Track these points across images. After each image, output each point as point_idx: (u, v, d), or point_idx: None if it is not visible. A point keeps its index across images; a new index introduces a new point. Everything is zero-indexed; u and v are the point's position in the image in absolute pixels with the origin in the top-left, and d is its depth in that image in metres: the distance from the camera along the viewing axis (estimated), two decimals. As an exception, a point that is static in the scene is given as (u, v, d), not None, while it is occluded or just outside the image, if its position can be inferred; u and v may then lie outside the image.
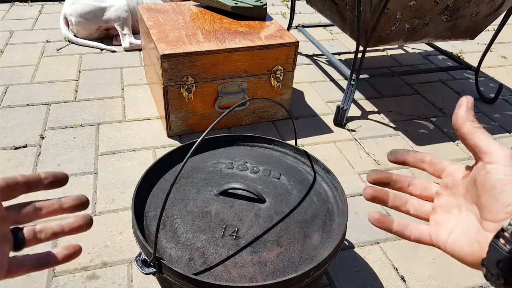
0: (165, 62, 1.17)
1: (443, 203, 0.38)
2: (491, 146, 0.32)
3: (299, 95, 1.61)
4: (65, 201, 0.37)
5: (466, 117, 0.34)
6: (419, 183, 0.41)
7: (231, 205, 0.74)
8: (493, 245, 0.30)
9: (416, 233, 0.38)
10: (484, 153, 0.33)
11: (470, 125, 0.34)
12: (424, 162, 0.40)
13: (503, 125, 1.52)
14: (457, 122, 0.35)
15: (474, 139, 0.34)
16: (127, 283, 0.89)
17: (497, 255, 0.30)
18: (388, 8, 1.25)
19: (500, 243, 0.30)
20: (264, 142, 0.92)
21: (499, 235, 0.30)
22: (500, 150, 0.32)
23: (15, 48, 1.82)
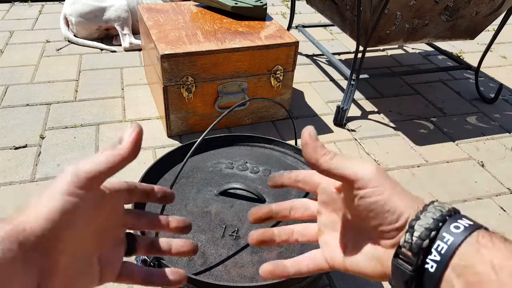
0: (165, 62, 1.17)
1: (326, 222, 0.37)
2: (355, 172, 0.31)
3: (299, 95, 1.61)
4: (172, 220, 0.38)
5: (316, 153, 0.32)
6: (298, 205, 0.40)
7: (231, 205, 0.74)
8: (395, 265, 0.30)
9: (312, 265, 0.37)
10: (352, 181, 0.31)
11: (324, 161, 0.32)
12: (299, 181, 0.38)
13: (503, 125, 1.52)
14: (312, 163, 0.33)
15: (336, 172, 0.32)
16: (127, 283, 0.89)
17: (402, 275, 0.29)
18: (388, 8, 1.25)
19: (401, 261, 0.29)
20: (264, 142, 0.92)
21: (398, 253, 0.30)
22: (364, 172, 0.31)
23: (15, 48, 1.82)
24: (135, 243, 0.36)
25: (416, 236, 0.29)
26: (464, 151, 1.37)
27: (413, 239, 0.29)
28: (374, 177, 0.31)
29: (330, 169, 0.32)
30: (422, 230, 0.28)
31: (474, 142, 1.42)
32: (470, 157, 1.34)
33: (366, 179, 0.31)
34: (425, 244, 0.28)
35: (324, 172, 0.33)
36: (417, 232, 0.29)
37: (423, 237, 0.28)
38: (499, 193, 1.21)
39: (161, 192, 0.37)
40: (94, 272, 0.32)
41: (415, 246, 0.28)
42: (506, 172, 1.29)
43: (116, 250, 0.35)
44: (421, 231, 0.28)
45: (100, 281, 0.33)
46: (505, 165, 1.32)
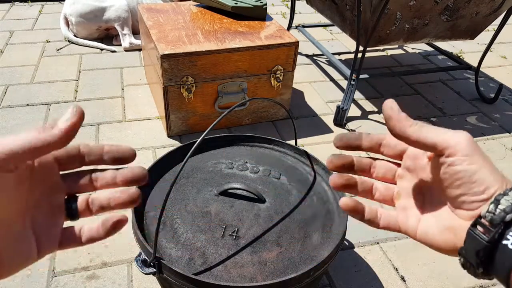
0: (165, 62, 1.17)
1: (407, 188, 0.36)
2: (446, 139, 0.31)
3: (299, 95, 1.61)
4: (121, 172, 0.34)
5: (403, 124, 0.32)
6: (381, 165, 0.38)
7: (231, 205, 0.74)
8: (471, 233, 0.29)
9: (384, 220, 0.37)
10: (443, 149, 0.31)
11: (413, 130, 0.32)
12: (382, 145, 0.37)
13: (503, 125, 1.52)
14: (400, 135, 0.32)
15: (425, 140, 0.31)
16: (127, 283, 0.89)
17: (475, 244, 0.29)
18: (388, 8, 1.25)
19: (478, 231, 0.29)
20: (264, 142, 0.92)
21: (477, 223, 0.29)
22: (455, 138, 0.30)
23: (15, 48, 1.82)
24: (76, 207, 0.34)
25: (500, 208, 0.28)
26: (464, 151, 1.37)
27: (497, 211, 0.28)
28: (466, 146, 0.30)
29: (420, 139, 0.31)
30: (508, 204, 0.28)
31: (474, 142, 1.42)
32: (470, 157, 1.34)
33: (458, 147, 0.30)
34: (509, 218, 0.27)
35: (414, 143, 0.32)
36: (502, 205, 0.28)
37: (508, 211, 0.27)
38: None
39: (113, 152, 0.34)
40: (29, 245, 0.31)
41: (498, 217, 0.28)
42: (506, 172, 1.28)
43: (53, 219, 0.33)
44: (507, 205, 0.28)
45: (40, 253, 0.32)
46: (505, 165, 1.32)
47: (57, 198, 0.33)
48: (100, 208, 0.35)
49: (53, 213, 0.33)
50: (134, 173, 0.34)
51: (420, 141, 0.31)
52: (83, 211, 0.34)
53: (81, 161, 0.33)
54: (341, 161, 0.37)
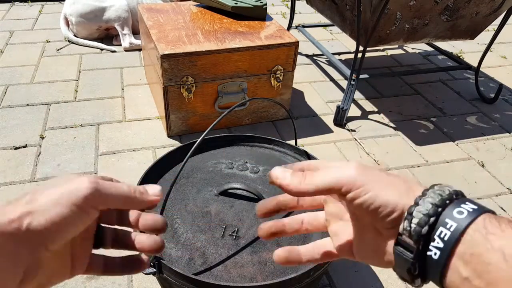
0: (165, 62, 1.17)
1: (333, 211, 0.37)
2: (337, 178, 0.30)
3: (299, 95, 1.61)
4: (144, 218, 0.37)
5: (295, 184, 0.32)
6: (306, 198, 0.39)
7: (231, 205, 0.74)
8: (397, 253, 0.29)
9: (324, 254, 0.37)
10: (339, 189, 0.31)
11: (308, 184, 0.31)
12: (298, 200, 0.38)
13: (503, 125, 1.52)
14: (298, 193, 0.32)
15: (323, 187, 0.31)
16: (127, 283, 0.89)
17: (404, 263, 0.29)
18: (388, 8, 1.25)
19: (402, 249, 0.29)
20: (264, 142, 0.92)
21: (399, 241, 0.29)
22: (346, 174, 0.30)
23: (15, 48, 1.82)
24: (104, 236, 0.37)
25: (414, 223, 0.28)
26: (464, 151, 1.37)
27: (412, 226, 0.28)
28: (357, 177, 0.30)
29: (318, 189, 0.31)
30: (420, 217, 0.28)
31: (474, 142, 1.42)
32: (470, 157, 1.34)
33: (349, 182, 0.30)
34: (424, 231, 0.27)
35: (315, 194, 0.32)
36: (415, 219, 0.28)
37: (422, 223, 0.27)
38: (499, 193, 1.21)
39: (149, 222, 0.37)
40: (67, 266, 0.33)
41: (414, 233, 0.28)
42: (506, 172, 1.29)
43: (86, 244, 0.35)
44: (419, 217, 0.28)
45: (71, 274, 0.34)
46: (505, 165, 1.32)
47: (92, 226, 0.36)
48: (124, 245, 0.38)
49: (87, 239, 0.35)
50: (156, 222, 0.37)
51: (319, 191, 0.31)
52: (108, 243, 0.37)
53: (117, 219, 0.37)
54: (267, 207, 0.38)
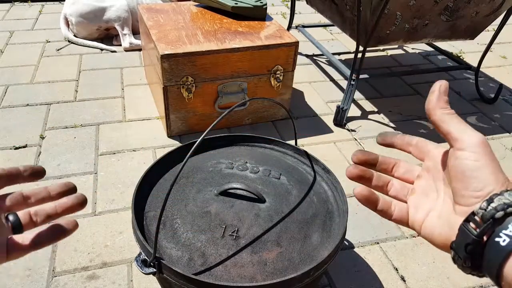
0: (165, 62, 1.17)
1: (423, 186, 0.38)
2: (461, 132, 0.32)
3: (299, 95, 1.61)
4: (52, 188, 0.38)
5: (437, 103, 0.34)
6: (403, 166, 0.41)
7: (231, 205, 0.74)
8: (462, 228, 0.30)
9: (397, 212, 0.38)
10: (455, 140, 0.33)
11: (441, 112, 0.34)
12: (411, 145, 0.40)
13: (503, 125, 1.52)
14: (429, 109, 0.34)
15: (445, 126, 0.33)
16: (127, 283, 0.89)
17: (465, 238, 0.30)
18: (388, 8, 1.25)
19: (470, 226, 0.30)
20: (264, 142, 0.92)
21: (469, 219, 0.30)
22: (470, 136, 0.32)
23: (15, 48, 1.82)
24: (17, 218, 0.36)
25: (492, 206, 0.29)
26: (464, 151, 1.37)
27: (488, 208, 0.29)
28: (476, 144, 0.32)
29: (441, 121, 0.34)
30: (500, 203, 0.29)
31: (474, 142, 1.42)
32: (470, 157, 1.34)
33: (468, 142, 0.32)
34: (499, 215, 0.28)
35: (435, 123, 0.34)
36: (494, 204, 0.29)
37: (499, 208, 0.28)
38: (499, 193, 1.21)
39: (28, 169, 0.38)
40: None
41: (488, 214, 0.29)
42: (506, 172, 1.28)
43: None
44: (498, 203, 0.29)
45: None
46: (505, 165, 1.32)
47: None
48: (47, 217, 0.37)
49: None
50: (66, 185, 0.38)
51: (440, 124, 0.34)
52: (27, 223, 0.37)
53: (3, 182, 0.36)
54: (365, 156, 0.40)
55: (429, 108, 0.34)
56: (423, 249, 1.01)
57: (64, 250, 0.95)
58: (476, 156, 0.31)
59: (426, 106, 0.35)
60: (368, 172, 0.40)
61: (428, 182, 0.38)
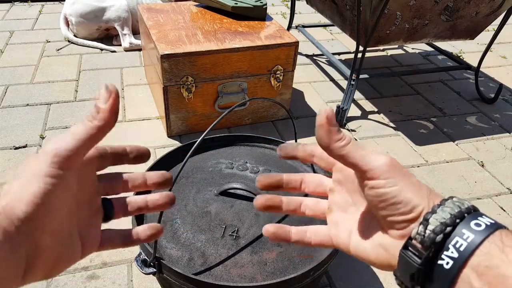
0: (165, 62, 1.17)
1: (338, 201, 0.36)
2: (367, 162, 0.30)
3: (299, 95, 1.61)
4: (149, 176, 0.36)
5: (330, 138, 0.31)
6: (311, 180, 0.38)
7: (231, 205, 0.74)
8: (403, 256, 0.29)
9: (315, 238, 0.36)
10: (364, 171, 0.30)
11: (337, 147, 0.31)
12: (314, 156, 0.37)
13: (503, 125, 1.52)
14: (324, 146, 0.31)
15: (347, 160, 0.31)
16: (127, 283, 0.89)
17: (408, 267, 0.28)
18: (388, 8, 1.25)
19: (410, 253, 0.28)
20: (264, 142, 0.92)
21: (408, 245, 0.29)
22: (377, 162, 0.30)
23: (15, 48, 1.82)
24: (112, 207, 0.36)
25: (430, 229, 0.27)
26: (464, 151, 1.37)
27: (426, 232, 0.27)
28: (387, 168, 0.30)
29: (342, 156, 0.31)
30: (437, 224, 0.27)
31: (474, 142, 1.42)
32: (470, 157, 1.34)
33: (379, 170, 0.30)
34: (439, 238, 0.27)
35: (336, 158, 0.31)
36: (431, 226, 0.27)
37: (438, 231, 0.27)
38: (499, 193, 1.21)
39: (134, 151, 0.36)
40: (75, 246, 0.32)
41: (428, 239, 0.27)
42: (506, 172, 1.29)
43: (93, 219, 0.34)
44: (436, 225, 0.27)
45: (83, 253, 0.33)
46: (505, 165, 1.32)
47: (96, 199, 0.35)
48: (138, 209, 0.37)
49: (93, 214, 0.34)
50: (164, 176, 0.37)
51: (342, 159, 0.31)
52: (118, 212, 0.36)
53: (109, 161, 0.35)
54: (268, 180, 0.38)
55: (325, 146, 0.31)
56: (423, 249, 1.01)
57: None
58: (391, 181, 0.29)
59: (319, 143, 0.32)
60: (276, 199, 0.37)
61: (343, 196, 0.36)
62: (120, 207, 0.36)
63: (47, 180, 0.28)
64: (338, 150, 0.31)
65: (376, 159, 0.30)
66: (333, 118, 0.32)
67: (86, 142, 0.30)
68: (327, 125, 0.31)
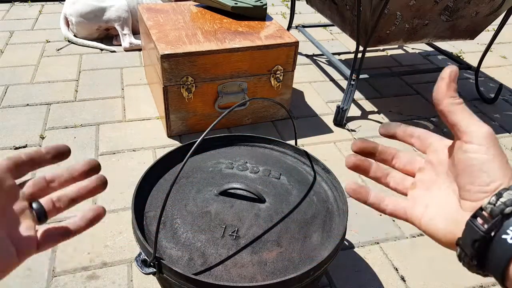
0: (165, 62, 1.17)
1: (424, 179, 0.37)
2: (469, 125, 0.31)
3: (299, 95, 1.61)
4: (74, 169, 0.36)
5: (446, 92, 0.32)
6: (404, 156, 0.39)
7: (231, 205, 0.74)
8: (470, 224, 0.29)
9: (391, 206, 0.37)
10: (462, 132, 0.31)
11: (448, 102, 0.32)
12: (413, 137, 0.38)
13: (503, 125, 1.52)
14: (437, 97, 0.33)
15: (453, 117, 0.32)
16: (127, 283, 0.89)
17: (473, 234, 0.28)
18: (388, 8, 1.25)
19: (478, 222, 0.28)
20: (264, 142, 0.92)
21: (477, 214, 0.29)
22: (478, 128, 0.31)
23: (15, 48, 1.82)
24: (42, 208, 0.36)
25: (501, 201, 0.28)
26: (464, 151, 1.37)
27: (498, 203, 0.28)
28: (484, 137, 0.30)
29: (448, 112, 0.32)
30: (509, 198, 0.28)
31: (474, 142, 1.41)
32: (470, 157, 1.34)
33: (476, 135, 0.30)
34: (508, 210, 0.27)
35: (442, 113, 0.32)
36: (503, 198, 0.28)
37: (509, 203, 0.27)
38: (499, 193, 1.20)
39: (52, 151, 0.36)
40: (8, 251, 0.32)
41: (497, 209, 0.27)
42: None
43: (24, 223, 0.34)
44: (508, 198, 0.28)
45: (20, 257, 0.33)
46: (505, 165, 1.32)
47: (19, 204, 0.34)
48: (71, 201, 0.36)
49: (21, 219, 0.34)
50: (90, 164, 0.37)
51: (447, 114, 0.32)
52: (51, 210, 0.36)
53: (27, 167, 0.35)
54: (364, 145, 0.39)
55: (438, 97, 0.32)
56: (423, 249, 1.01)
57: (64, 250, 0.95)
58: (484, 149, 0.30)
59: (434, 94, 0.33)
60: (367, 162, 0.39)
61: (430, 175, 0.36)
62: (51, 205, 0.36)
63: None
64: (449, 105, 0.32)
65: (478, 125, 0.31)
66: (456, 77, 0.33)
67: None
68: (449, 79, 0.32)
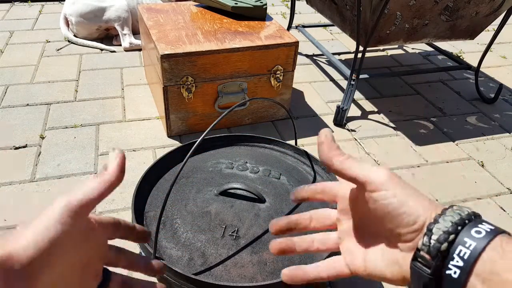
0: (165, 62, 1.17)
1: (346, 229, 0.37)
2: (367, 174, 0.32)
3: (299, 95, 1.61)
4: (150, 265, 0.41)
5: (331, 153, 0.33)
6: (318, 214, 0.40)
7: (231, 205, 0.74)
8: (414, 268, 0.30)
9: (333, 270, 0.38)
10: (364, 183, 0.32)
11: (338, 161, 0.33)
12: (318, 192, 0.39)
13: (503, 125, 1.52)
14: (325, 162, 0.34)
15: (348, 172, 0.33)
16: (127, 283, 0.89)
17: (420, 278, 0.29)
18: (388, 8, 1.25)
19: (420, 265, 0.29)
20: (264, 142, 0.92)
21: (417, 256, 0.30)
22: (376, 174, 0.31)
23: (15, 48, 1.82)
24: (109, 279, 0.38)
25: (434, 239, 0.28)
26: (464, 151, 1.37)
27: (431, 242, 0.28)
28: (386, 180, 0.31)
29: (342, 169, 0.33)
30: (440, 233, 0.28)
31: (474, 142, 1.42)
32: (470, 157, 1.34)
33: (378, 182, 0.31)
34: (444, 247, 0.28)
35: (337, 172, 0.33)
36: (435, 235, 0.28)
37: (441, 240, 0.28)
38: (499, 193, 1.21)
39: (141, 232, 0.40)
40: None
41: (433, 249, 0.28)
42: (506, 172, 1.29)
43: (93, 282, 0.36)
44: (439, 234, 0.28)
45: None
46: (505, 165, 1.32)
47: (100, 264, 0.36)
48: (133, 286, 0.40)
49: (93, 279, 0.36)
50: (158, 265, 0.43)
51: (343, 172, 0.33)
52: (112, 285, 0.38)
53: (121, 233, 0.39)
54: (279, 225, 0.40)
55: (326, 161, 0.34)
56: (423, 249, 1.01)
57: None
58: (391, 193, 0.31)
59: (321, 159, 0.34)
60: (289, 242, 0.39)
61: (349, 223, 0.37)
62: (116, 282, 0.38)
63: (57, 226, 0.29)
64: (339, 164, 0.33)
65: (375, 171, 0.32)
66: (332, 137, 0.34)
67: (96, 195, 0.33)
68: (327, 141, 0.34)
